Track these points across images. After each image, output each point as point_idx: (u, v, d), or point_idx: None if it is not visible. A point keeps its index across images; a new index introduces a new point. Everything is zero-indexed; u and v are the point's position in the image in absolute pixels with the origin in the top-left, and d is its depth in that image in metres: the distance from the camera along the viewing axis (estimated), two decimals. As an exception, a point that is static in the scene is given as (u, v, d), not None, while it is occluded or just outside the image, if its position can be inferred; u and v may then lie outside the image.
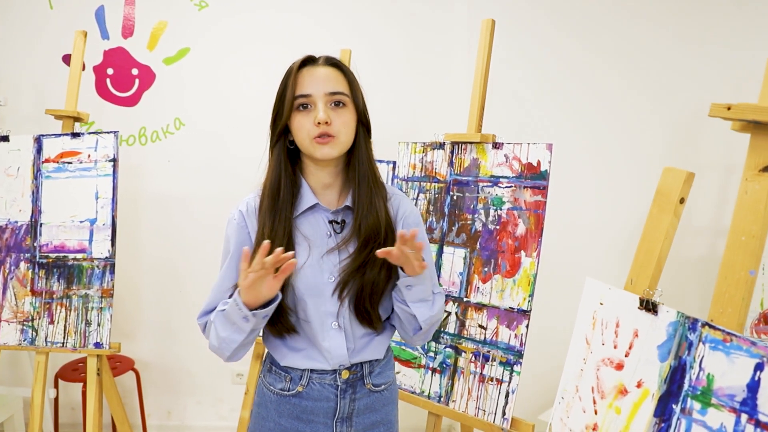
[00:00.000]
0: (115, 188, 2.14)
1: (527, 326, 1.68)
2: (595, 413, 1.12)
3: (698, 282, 2.39)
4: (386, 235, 1.27)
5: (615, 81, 2.72)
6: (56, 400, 2.66)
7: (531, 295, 1.68)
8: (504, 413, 1.68)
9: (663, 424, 1.00)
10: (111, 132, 2.16)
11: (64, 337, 2.14)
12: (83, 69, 2.47)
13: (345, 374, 1.28)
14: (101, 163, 2.15)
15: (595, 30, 2.71)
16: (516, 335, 1.70)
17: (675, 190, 1.05)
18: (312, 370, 1.28)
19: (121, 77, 2.76)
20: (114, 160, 2.15)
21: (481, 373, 1.75)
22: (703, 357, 0.96)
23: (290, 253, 1.10)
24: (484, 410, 1.72)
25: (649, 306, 1.04)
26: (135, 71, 2.76)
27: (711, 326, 0.95)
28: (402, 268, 1.20)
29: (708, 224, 2.75)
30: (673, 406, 0.99)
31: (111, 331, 2.12)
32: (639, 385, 1.04)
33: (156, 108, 2.79)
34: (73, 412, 2.91)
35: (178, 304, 2.91)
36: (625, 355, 1.08)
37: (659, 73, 2.69)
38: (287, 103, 1.23)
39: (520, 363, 1.68)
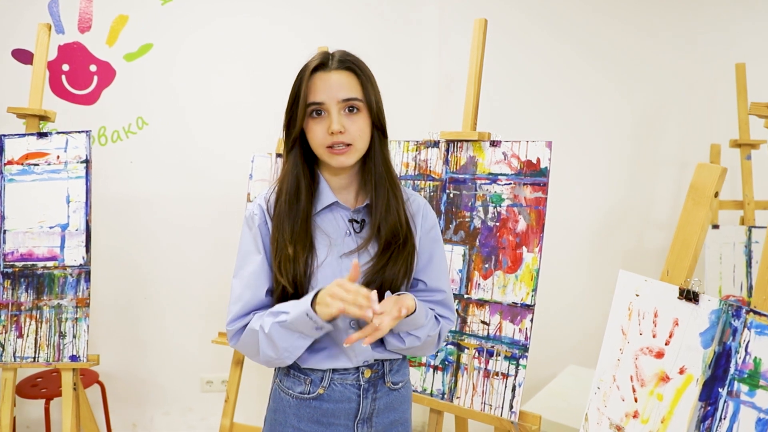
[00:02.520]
0: (88, 191, 2.03)
1: (532, 320, 1.71)
2: (635, 401, 1.16)
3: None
4: (405, 236, 1.27)
5: (588, 74, 2.83)
6: (14, 419, 2.48)
7: (534, 290, 1.72)
8: (511, 407, 1.71)
9: (709, 408, 1.04)
10: (83, 131, 2.04)
11: (35, 351, 2.00)
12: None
13: (367, 373, 1.27)
14: (72, 164, 2.03)
15: (567, 26, 2.81)
16: (520, 329, 1.73)
17: (710, 185, 1.10)
18: (334, 371, 1.26)
19: (79, 74, 2.61)
20: (87, 162, 2.03)
21: (485, 369, 1.77)
22: (748, 342, 1.01)
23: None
24: (491, 405, 1.74)
25: (689, 295, 1.09)
26: (93, 68, 2.62)
27: (756, 312, 1.00)
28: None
29: (668, 218, 2.90)
30: (719, 390, 1.03)
31: (88, 342, 2.00)
32: (682, 372, 1.09)
33: (117, 106, 2.66)
34: (29, 430, 2.73)
35: (143, 312, 2.79)
36: (665, 344, 1.12)
37: (631, 72, 2.82)
38: (300, 109, 1.20)
39: (526, 357, 1.71)
